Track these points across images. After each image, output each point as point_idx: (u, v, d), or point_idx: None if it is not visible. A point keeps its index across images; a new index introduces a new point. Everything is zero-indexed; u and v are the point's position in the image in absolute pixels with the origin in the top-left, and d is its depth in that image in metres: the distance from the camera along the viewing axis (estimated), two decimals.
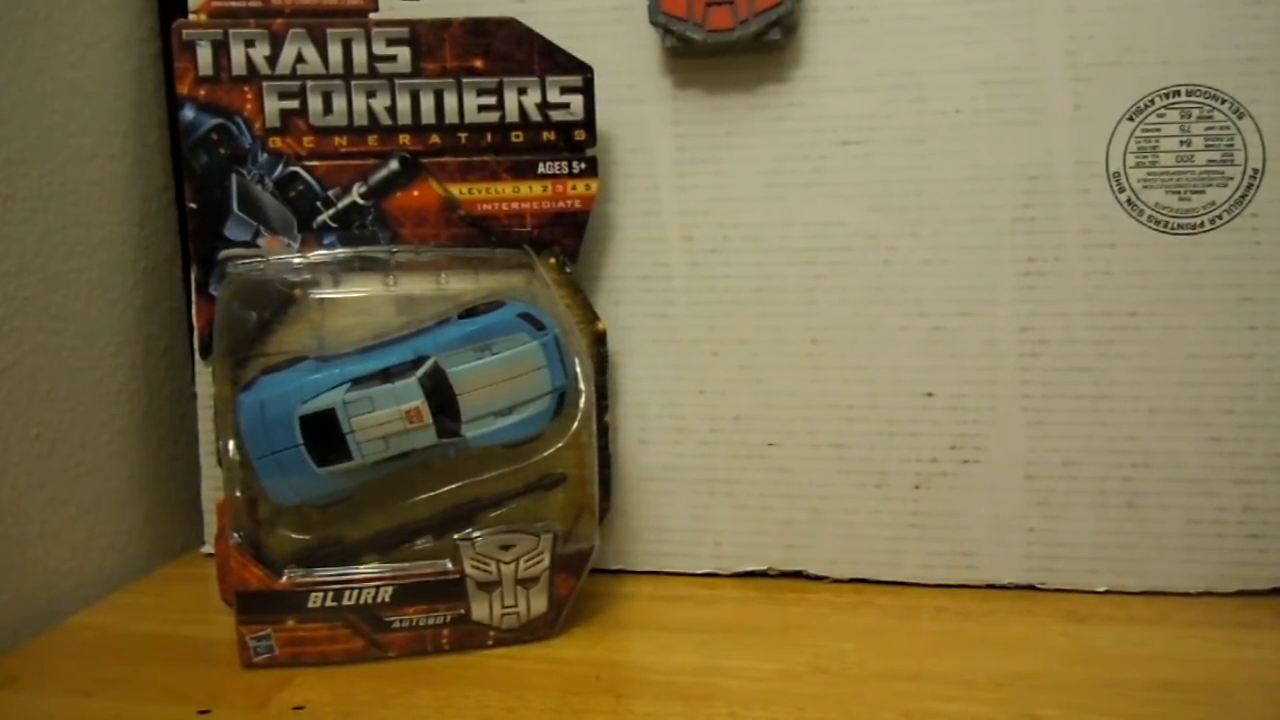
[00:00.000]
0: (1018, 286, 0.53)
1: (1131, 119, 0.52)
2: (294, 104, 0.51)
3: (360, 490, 0.49)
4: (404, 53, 0.51)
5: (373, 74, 0.51)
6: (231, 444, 0.48)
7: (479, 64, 0.52)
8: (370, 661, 0.48)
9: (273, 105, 0.51)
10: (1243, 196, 0.51)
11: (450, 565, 0.49)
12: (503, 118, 0.52)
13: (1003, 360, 0.54)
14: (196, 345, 0.56)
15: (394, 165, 0.52)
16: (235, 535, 0.48)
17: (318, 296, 0.50)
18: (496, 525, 0.49)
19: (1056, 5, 0.52)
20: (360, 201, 0.52)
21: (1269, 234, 0.51)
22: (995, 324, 0.54)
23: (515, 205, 0.53)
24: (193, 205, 0.51)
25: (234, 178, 0.51)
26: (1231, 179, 0.51)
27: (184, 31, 0.50)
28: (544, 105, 0.52)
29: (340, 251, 0.52)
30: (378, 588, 0.48)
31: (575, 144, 0.53)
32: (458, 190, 0.52)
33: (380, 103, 0.51)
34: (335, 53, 0.51)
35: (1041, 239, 0.53)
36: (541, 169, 0.53)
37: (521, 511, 0.50)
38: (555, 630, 0.51)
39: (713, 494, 0.57)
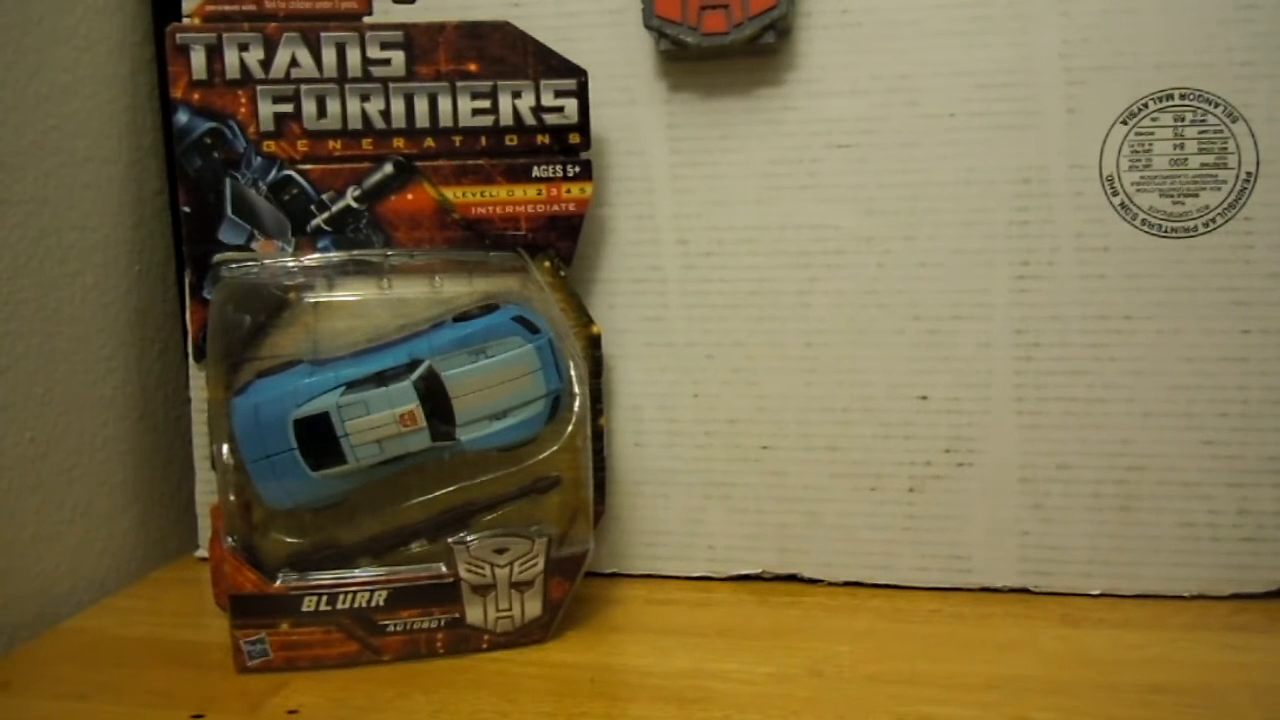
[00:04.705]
0: (1012, 290, 0.53)
1: (1125, 122, 0.52)
2: (288, 108, 0.51)
3: (355, 494, 0.49)
4: (398, 56, 0.51)
5: (367, 78, 0.51)
6: (225, 447, 0.48)
7: (473, 67, 0.52)
8: (364, 665, 0.48)
9: (266, 109, 0.51)
10: (1236, 200, 0.51)
11: (445, 569, 0.49)
12: (497, 121, 0.52)
13: (997, 363, 0.54)
14: (190, 349, 0.56)
15: (388, 169, 0.52)
16: (229, 539, 0.48)
17: (312, 300, 0.50)
18: (491, 529, 0.49)
19: (1050, 9, 0.52)
20: (354, 205, 0.52)
21: (1262, 237, 0.51)
22: (989, 327, 0.54)
23: (510, 209, 0.53)
24: (187, 209, 0.51)
25: (228, 181, 0.51)
26: (1225, 183, 0.51)
27: (178, 35, 0.50)
28: (538, 109, 0.52)
29: (334, 255, 0.52)
30: (372, 591, 0.48)
31: (569, 147, 0.53)
32: (452, 194, 0.52)
33: (374, 106, 0.51)
34: (329, 56, 0.51)
35: (1035, 242, 0.53)
36: (536, 172, 0.53)
37: (516, 515, 0.50)
38: (550, 634, 0.51)
39: (707, 497, 0.57)
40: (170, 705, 0.45)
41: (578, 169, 0.53)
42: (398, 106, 0.52)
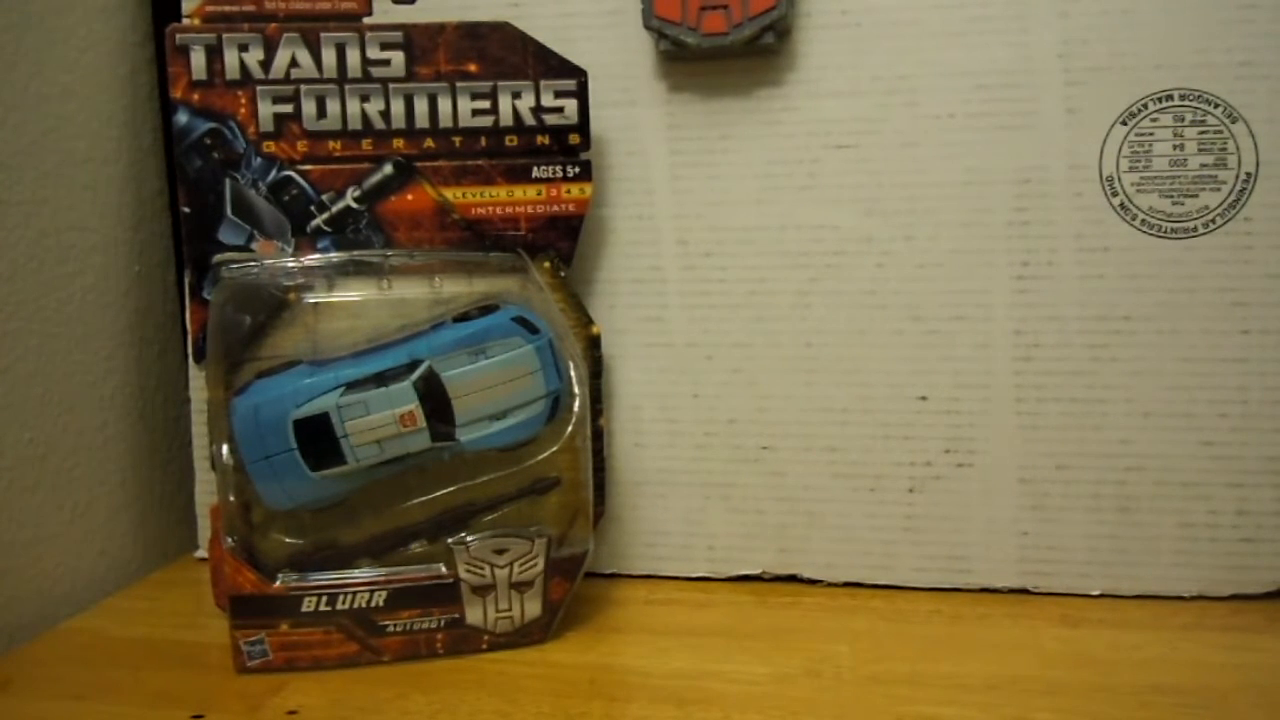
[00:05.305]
0: (1011, 290, 0.53)
1: (1124, 123, 0.52)
2: (288, 108, 0.51)
3: (354, 494, 0.49)
4: (398, 57, 0.51)
5: (366, 78, 0.51)
6: (225, 448, 0.48)
7: (473, 68, 0.52)
8: (364, 666, 0.48)
9: (266, 109, 0.51)
10: (1236, 201, 0.51)
11: (444, 569, 0.49)
12: (497, 121, 0.52)
13: (996, 364, 0.54)
14: (190, 349, 0.56)
15: (388, 169, 0.52)
16: (229, 539, 0.48)
17: (312, 300, 0.50)
18: (491, 529, 0.49)
19: (1049, 9, 0.52)
20: (354, 205, 0.52)
21: (1262, 238, 0.51)
22: (989, 328, 0.54)
23: (509, 209, 0.53)
24: (186, 209, 0.51)
25: (228, 182, 0.51)
26: (1224, 183, 0.51)
27: (178, 36, 0.50)
28: (538, 109, 0.52)
29: (334, 255, 0.52)
30: (372, 592, 0.48)
31: (569, 148, 0.53)
32: (452, 194, 0.52)
33: (374, 107, 0.51)
34: (329, 57, 0.51)
35: (1035, 243, 0.53)
36: (536, 173, 0.53)
37: (516, 515, 0.50)
38: (549, 634, 0.51)
39: (707, 498, 0.57)
40: (170, 705, 0.45)
41: (578, 169, 0.53)
42: (397, 107, 0.52)
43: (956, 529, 0.55)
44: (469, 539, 0.49)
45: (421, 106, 0.52)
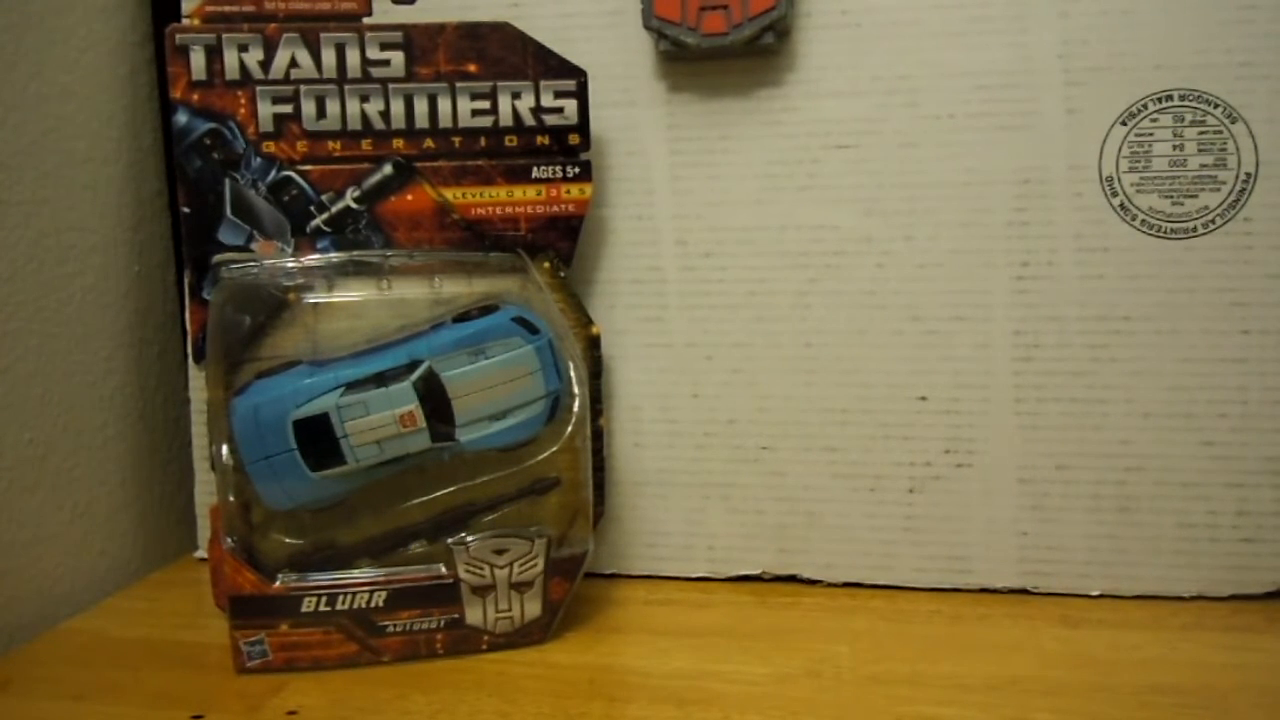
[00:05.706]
0: (1011, 290, 0.53)
1: (1124, 123, 0.52)
2: (287, 108, 0.51)
3: (354, 494, 0.49)
4: (397, 57, 0.51)
5: (366, 78, 0.51)
6: (225, 448, 0.48)
7: (472, 68, 0.52)
8: (364, 666, 0.48)
9: (266, 110, 0.51)
10: (1235, 201, 0.51)
11: (444, 569, 0.49)
12: (496, 122, 0.52)
13: (996, 364, 0.54)
14: (190, 349, 0.56)
15: (388, 169, 0.52)
16: (229, 540, 0.48)
17: (311, 300, 0.50)
18: (491, 529, 0.49)
19: (1049, 10, 0.52)
20: (354, 206, 0.52)
21: (1261, 238, 0.51)
22: (989, 328, 0.54)
23: (509, 209, 0.53)
24: (186, 210, 0.51)
25: (227, 182, 0.51)
26: (1224, 183, 0.51)
27: (177, 36, 0.50)
28: (538, 109, 0.52)
29: (334, 256, 0.52)
30: (371, 592, 0.48)
31: (569, 148, 0.53)
32: (451, 194, 0.52)
33: (374, 107, 0.51)
34: (329, 57, 0.51)
35: (1035, 243, 0.53)
36: (535, 173, 0.53)
37: (516, 515, 0.50)
38: (549, 634, 0.51)
39: (707, 498, 0.57)
40: (170, 706, 0.45)
41: (577, 170, 0.53)
42: (397, 107, 0.52)
43: (956, 529, 0.55)
44: (469, 539, 0.49)
45: (421, 107, 0.52)
